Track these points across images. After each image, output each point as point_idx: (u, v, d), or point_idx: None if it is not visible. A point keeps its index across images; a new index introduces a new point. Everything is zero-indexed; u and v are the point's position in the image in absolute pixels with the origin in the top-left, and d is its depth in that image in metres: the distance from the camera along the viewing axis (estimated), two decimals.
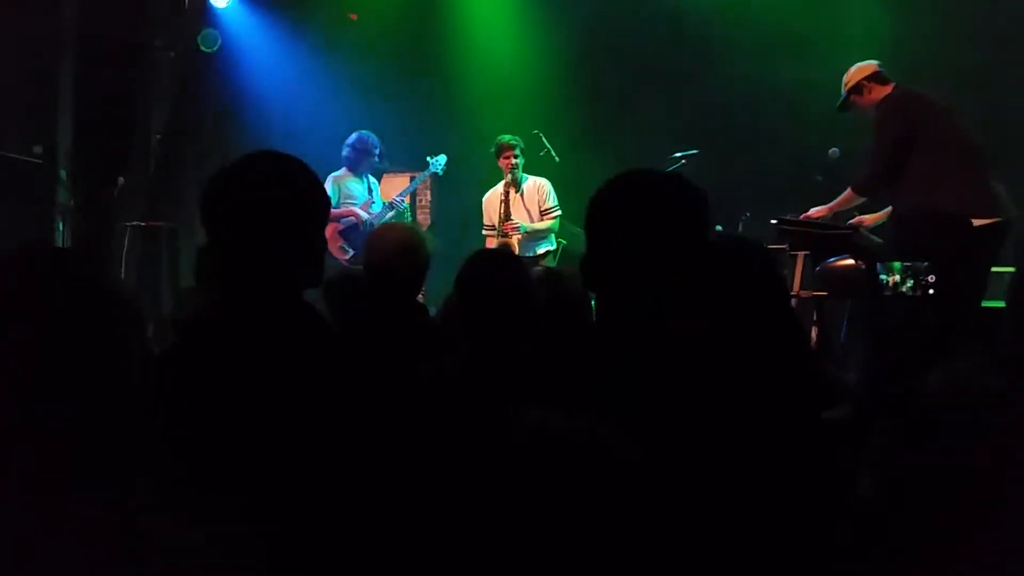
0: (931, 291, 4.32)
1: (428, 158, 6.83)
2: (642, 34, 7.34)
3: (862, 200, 5.17)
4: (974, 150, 4.82)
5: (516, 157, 6.38)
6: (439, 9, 8.16)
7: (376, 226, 6.04)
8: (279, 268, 1.79)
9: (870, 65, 5.05)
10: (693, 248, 1.79)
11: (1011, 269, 4.79)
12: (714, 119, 6.96)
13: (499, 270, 2.60)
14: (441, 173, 6.93)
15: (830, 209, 5.23)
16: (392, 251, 3.13)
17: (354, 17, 7.98)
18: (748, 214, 6.25)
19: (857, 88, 5.03)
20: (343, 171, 6.50)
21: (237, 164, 1.85)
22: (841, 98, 5.14)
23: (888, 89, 4.98)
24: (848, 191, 5.11)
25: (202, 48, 7.61)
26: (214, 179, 1.84)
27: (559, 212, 6.45)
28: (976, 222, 4.64)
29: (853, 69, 5.07)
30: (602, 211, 1.85)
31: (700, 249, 1.80)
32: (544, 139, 6.84)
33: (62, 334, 1.57)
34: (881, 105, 4.94)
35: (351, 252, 6.42)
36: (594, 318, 3.22)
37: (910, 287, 4.38)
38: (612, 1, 7.56)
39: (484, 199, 6.62)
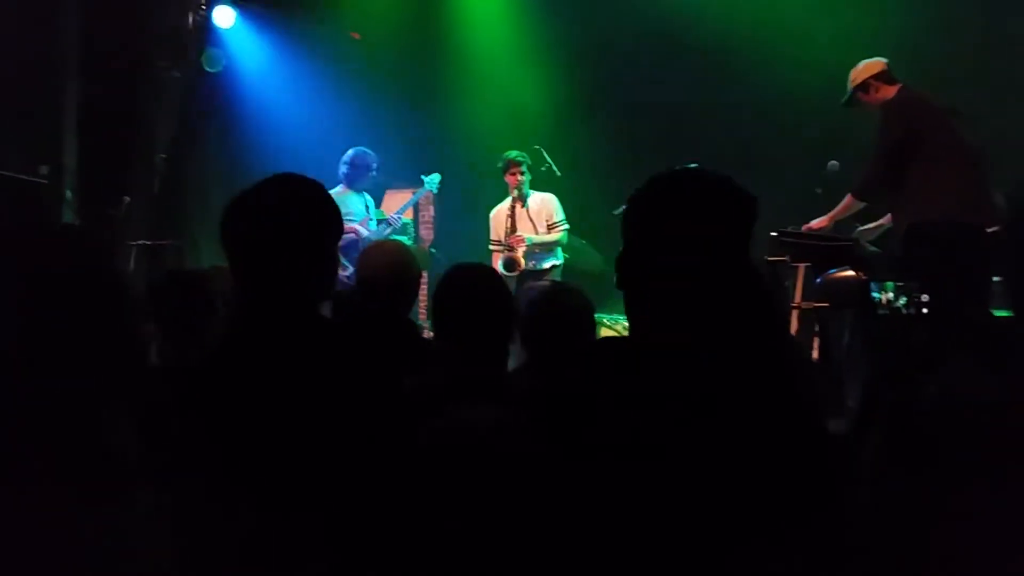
0: (924, 310, 4.30)
1: (423, 176, 6.89)
2: (642, 50, 7.38)
3: (862, 205, 5.16)
4: (976, 156, 4.81)
5: (523, 173, 6.43)
6: (440, 26, 8.21)
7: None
8: (295, 283, 1.88)
9: (878, 63, 5.02)
10: (734, 260, 1.68)
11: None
12: (713, 132, 6.98)
13: (471, 285, 2.53)
14: (435, 191, 6.97)
15: (831, 219, 5.24)
16: (381, 269, 3.16)
17: (356, 36, 8.03)
18: None
19: (864, 86, 5.00)
20: (341, 188, 6.53)
21: (257, 187, 1.94)
22: (847, 94, 5.10)
23: (894, 90, 4.95)
24: (848, 197, 5.12)
25: (206, 68, 7.66)
26: (234, 201, 1.92)
27: (567, 226, 6.48)
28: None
29: (861, 65, 5.04)
30: (644, 209, 1.72)
31: (742, 261, 1.69)
32: (545, 154, 6.88)
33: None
34: (885, 108, 4.92)
35: (350, 268, 6.46)
36: (597, 333, 3.20)
37: (903, 304, 4.37)
38: (612, 18, 7.60)
39: (491, 215, 6.64)
